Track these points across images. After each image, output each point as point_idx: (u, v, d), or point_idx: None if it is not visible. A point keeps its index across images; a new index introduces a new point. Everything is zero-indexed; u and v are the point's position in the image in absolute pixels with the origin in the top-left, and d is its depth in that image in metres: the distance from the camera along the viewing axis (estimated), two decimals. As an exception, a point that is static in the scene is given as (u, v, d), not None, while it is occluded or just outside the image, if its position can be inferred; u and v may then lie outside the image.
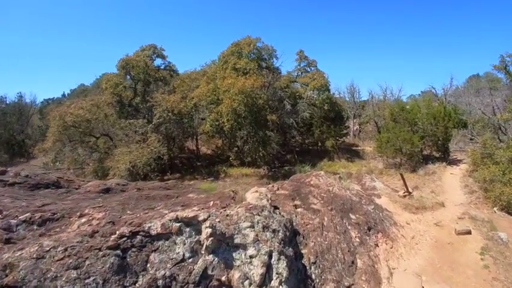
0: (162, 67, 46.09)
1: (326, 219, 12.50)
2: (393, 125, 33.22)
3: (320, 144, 40.51)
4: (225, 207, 9.73)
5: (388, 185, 26.31)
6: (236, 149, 34.27)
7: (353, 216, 13.97)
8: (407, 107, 36.10)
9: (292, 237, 10.38)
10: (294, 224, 11.22)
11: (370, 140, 42.00)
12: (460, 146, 40.25)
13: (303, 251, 10.24)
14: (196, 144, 43.04)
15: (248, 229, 9.02)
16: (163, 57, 45.17)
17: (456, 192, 25.05)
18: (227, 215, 9.27)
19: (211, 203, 10.29)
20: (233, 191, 11.91)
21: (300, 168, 32.79)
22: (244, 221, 9.16)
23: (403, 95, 39.11)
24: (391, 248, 13.25)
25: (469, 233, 15.82)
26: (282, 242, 9.34)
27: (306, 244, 10.45)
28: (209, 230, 8.15)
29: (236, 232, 8.77)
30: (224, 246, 8.43)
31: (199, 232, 8.34)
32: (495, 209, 20.48)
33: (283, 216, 10.60)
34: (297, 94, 37.85)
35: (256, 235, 8.93)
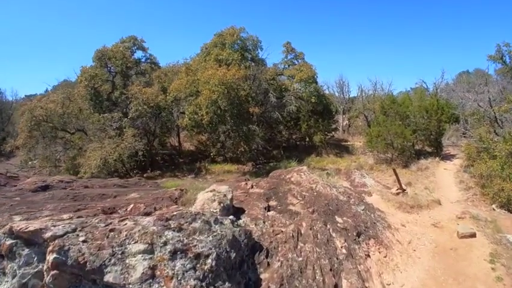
0: (143, 60, 43.36)
1: (304, 225, 9.93)
2: (383, 118, 30.82)
3: (307, 139, 38.00)
4: (147, 214, 6.77)
5: (379, 181, 24.02)
6: (219, 144, 31.64)
7: (339, 220, 11.46)
8: (398, 99, 33.57)
9: (246, 258, 7.44)
10: (258, 234, 8.56)
11: (360, 134, 39.58)
12: (453, 140, 38.11)
13: (262, 276, 7.11)
14: (178, 139, 40.38)
15: (139, 256, 5.66)
16: (143, 49, 42.44)
17: (451, 188, 23.25)
18: (111, 230, 5.89)
19: (130, 207, 7.43)
20: (181, 190, 9.20)
21: (286, 164, 30.37)
22: (135, 242, 5.81)
23: (394, 89, 36.87)
24: (385, 257, 10.71)
25: (473, 236, 13.42)
26: (211, 274, 5.94)
27: (268, 264, 7.46)
28: (53, 257, 4.98)
29: (114, 261, 5.39)
30: (86, 286, 5.23)
31: (44, 257, 5.24)
32: (494, 206, 18.68)
33: (237, 227, 7.79)
34: (284, 87, 35.21)
35: (153, 267, 5.57)
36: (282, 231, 8.92)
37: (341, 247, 9.55)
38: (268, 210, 10.78)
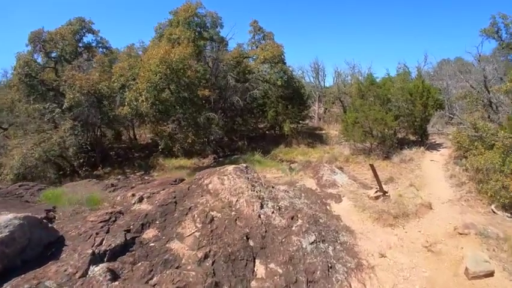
0: (94, 44, 37.30)
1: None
2: (361, 102, 25.64)
3: (277, 128, 32.64)
4: None
5: (355, 178, 18.99)
6: (167, 135, 26.23)
7: (259, 271, 6.17)
8: (378, 81, 28.30)
9: None
10: None
11: (336, 122, 34.40)
12: (438, 128, 33.29)
13: None
14: (133, 132, 34.73)
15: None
16: (93, 32, 36.35)
17: (441, 184, 18.54)
18: None
19: None
20: None
21: (249, 157, 25.20)
22: None
23: (374, 74, 31.57)
24: None
25: (491, 275, 8.32)
26: None
27: None
28: None
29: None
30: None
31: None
32: (493, 206, 14.32)
33: None
34: (248, 69, 29.65)
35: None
36: None
37: None
38: (113, 258, 5.50)
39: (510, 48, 23.71)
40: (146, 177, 24.41)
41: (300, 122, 32.74)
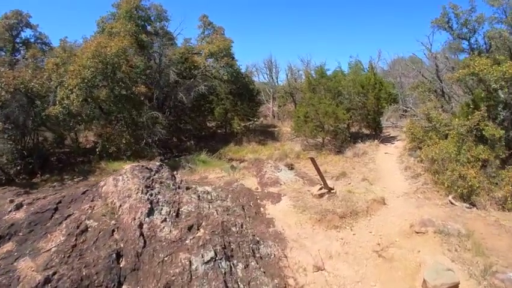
0: (32, 40, 33.52)
1: None
2: (311, 95, 23.66)
3: (227, 126, 30.11)
4: None
5: (306, 173, 17.00)
6: (104, 136, 23.26)
7: None
8: (329, 74, 26.51)
9: None
10: None
11: (290, 119, 32.44)
12: (392, 121, 32.27)
13: None
14: (75, 134, 31.10)
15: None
16: (31, 26, 32.62)
17: (395, 176, 17.23)
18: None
19: None
20: None
21: (194, 157, 22.71)
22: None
23: (328, 70, 29.65)
24: None
25: (455, 287, 6.20)
26: None
27: None
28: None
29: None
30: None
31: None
32: (450, 197, 13.15)
33: None
34: (195, 65, 26.99)
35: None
36: None
37: None
38: None
39: (461, 38, 22.57)
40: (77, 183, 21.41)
41: (251, 119, 30.49)
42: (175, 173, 20.14)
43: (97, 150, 22.93)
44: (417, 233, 8.94)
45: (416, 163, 18.30)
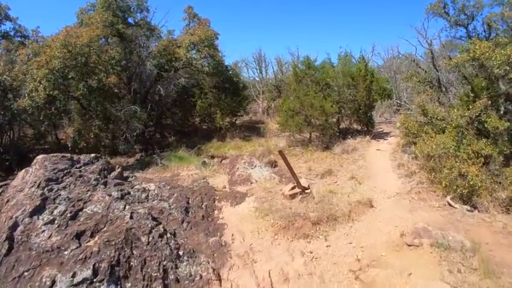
0: (11, 33, 31.66)
1: None
2: (296, 86, 21.55)
3: (210, 121, 27.95)
4: None
5: (283, 173, 14.74)
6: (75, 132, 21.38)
7: None
8: (316, 64, 24.34)
9: None
10: None
11: (278, 115, 30.38)
12: (386, 117, 30.27)
13: None
14: (53, 129, 29.21)
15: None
16: (9, 19, 30.72)
17: (388, 175, 15.17)
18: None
19: None
20: None
21: (171, 153, 20.89)
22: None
23: (315, 61, 27.36)
24: None
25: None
26: None
27: None
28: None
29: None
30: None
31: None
32: (448, 198, 11.22)
33: None
34: (175, 57, 24.83)
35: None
36: None
37: None
38: None
39: (458, 25, 20.57)
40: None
41: (236, 114, 28.40)
42: (146, 170, 18.26)
43: (69, 146, 21.01)
44: (409, 245, 6.91)
45: (410, 160, 16.31)
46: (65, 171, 7.43)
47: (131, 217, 6.18)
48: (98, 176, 8.09)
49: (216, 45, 25.59)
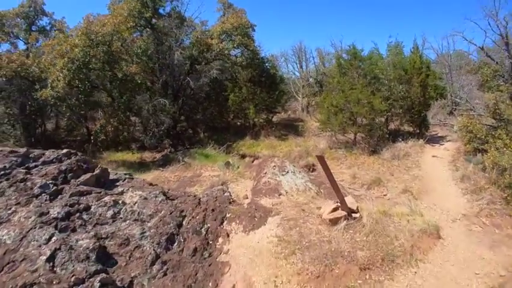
0: (48, 28, 31.31)
1: None
2: (340, 79, 18.69)
3: (244, 117, 25.75)
4: None
5: (320, 181, 12.23)
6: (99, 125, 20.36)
7: None
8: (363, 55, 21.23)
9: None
10: None
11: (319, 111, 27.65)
12: (439, 118, 26.53)
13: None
14: (85, 121, 28.75)
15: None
16: (45, 14, 30.46)
17: (449, 189, 12.13)
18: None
19: None
20: None
21: (199, 150, 19.14)
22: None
23: (362, 51, 23.86)
24: None
25: None
26: None
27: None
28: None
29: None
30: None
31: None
32: None
33: None
34: (207, 47, 22.84)
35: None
36: None
37: None
38: None
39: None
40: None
41: (273, 110, 25.99)
42: (167, 167, 16.39)
43: (92, 139, 19.85)
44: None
45: (476, 172, 13.08)
46: (2, 171, 5.57)
47: (51, 257, 4.05)
48: (51, 182, 6.11)
49: (250, 35, 23.37)
